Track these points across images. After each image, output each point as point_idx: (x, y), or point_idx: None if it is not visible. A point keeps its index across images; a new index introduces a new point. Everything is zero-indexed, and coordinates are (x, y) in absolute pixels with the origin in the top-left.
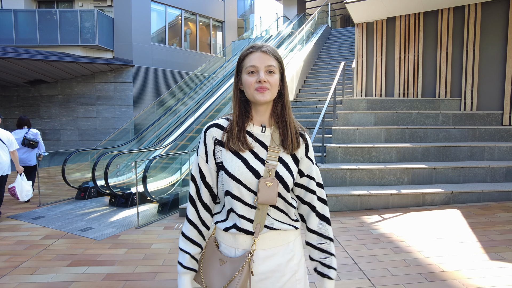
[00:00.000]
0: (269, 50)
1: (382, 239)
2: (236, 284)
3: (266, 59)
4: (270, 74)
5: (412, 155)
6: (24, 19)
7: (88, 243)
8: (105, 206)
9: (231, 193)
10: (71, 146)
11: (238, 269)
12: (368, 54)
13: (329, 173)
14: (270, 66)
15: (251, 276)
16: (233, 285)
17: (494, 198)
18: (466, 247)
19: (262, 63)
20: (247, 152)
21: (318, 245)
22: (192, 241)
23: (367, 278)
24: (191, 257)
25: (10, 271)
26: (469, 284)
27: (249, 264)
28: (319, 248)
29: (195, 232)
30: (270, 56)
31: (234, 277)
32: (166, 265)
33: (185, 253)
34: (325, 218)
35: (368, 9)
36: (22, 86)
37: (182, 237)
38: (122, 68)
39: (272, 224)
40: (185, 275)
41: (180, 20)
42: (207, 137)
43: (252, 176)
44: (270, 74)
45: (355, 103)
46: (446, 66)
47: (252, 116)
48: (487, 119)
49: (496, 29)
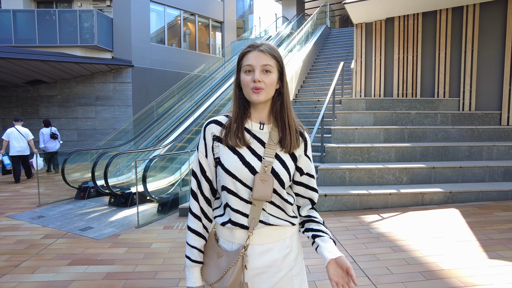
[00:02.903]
0: (267, 49)
1: (382, 238)
2: (230, 277)
3: (263, 58)
4: (266, 74)
5: (411, 155)
6: (23, 19)
7: (88, 242)
8: (104, 206)
9: (227, 188)
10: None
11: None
12: (367, 54)
13: (328, 173)
14: (266, 65)
15: (245, 271)
16: (226, 278)
17: (492, 198)
18: (465, 246)
19: (258, 62)
20: (244, 148)
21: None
22: (198, 234)
23: (367, 276)
24: (198, 251)
25: (10, 270)
26: (468, 282)
27: (242, 258)
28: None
29: (200, 225)
30: (267, 55)
31: (228, 270)
32: (166, 264)
33: (193, 248)
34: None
35: (367, 10)
36: (21, 86)
37: (188, 232)
38: (121, 68)
39: (268, 220)
40: (194, 268)
41: (179, 20)
42: (207, 133)
43: (247, 171)
44: (266, 74)
45: (354, 103)
46: (445, 67)
47: (251, 113)
48: (485, 119)
49: (494, 29)
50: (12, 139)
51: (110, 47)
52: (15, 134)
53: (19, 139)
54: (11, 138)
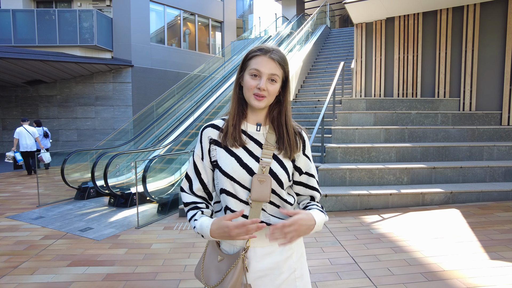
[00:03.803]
0: (278, 58)
1: (382, 238)
2: (230, 279)
3: (272, 67)
4: (272, 83)
5: (412, 155)
6: (23, 19)
7: (88, 243)
8: (104, 206)
9: (225, 191)
10: (70, 146)
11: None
12: (367, 54)
13: (328, 173)
14: (274, 75)
15: (247, 273)
16: (227, 280)
17: (493, 198)
18: (466, 247)
19: (267, 71)
20: (241, 150)
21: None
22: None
23: (368, 277)
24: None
25: (9, 271)
26: (469, 283)
27: (243, 260)
28: None
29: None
30: (276, 64)
31: (228, 272)
32: (166, 265)
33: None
34: None
35: (367, 10)
36: (21, 86)
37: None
38: (121, 68)
39: (269, 220)
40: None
41: (179, 20)
42: (203, 137)
43: (245, 173)
44: (272, 83)
45: (355, 103)
46: (445, 66)
47: (248, 115)
48: (486, 119)
49: (494, 29)
50: (21, 137)
51: (109, 47)
52: (24, 132)
53: (27, 137)
54: (21, 137)
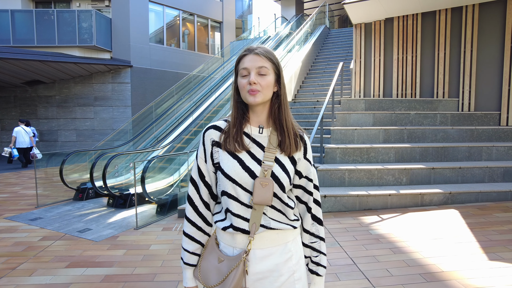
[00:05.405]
0: (262, 52)
1: (381, 239)
2: (232, 280)
3: (258, 61)
4: (262, 76)
5: (411, 155)
6: (22, 19)
7: (87, 244)
8: (103, 207)
9: (227, 193)
10: (68, 146)
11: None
12: (366, 54)
13: (327, 174)
14: (261, 67)
15: (246, 275)
16: (228, 281)
17: (492, 198)
18: (465, 247)
19: (253, 65)
20: (243, 153)
21: (310, 243)
22: (191, 238)
23: (367, 278)
24: (190, 254)
25: (8, 273)
26: (468, 284)
27: (244, 263)
28: (310, 247)
29: (193, 229)
30: (262, 57)
31: (229, 274)
32: (165, 266)
33: (185, 250)
34: (318, 219)
35: (366, 10)
36: (20, 87)
37: (183, 236)
38: (120, 68)
39: (269, 224)
40: (187, 270)
41: (178, 20)
42: (206, 139)
43: (247, 176)
44: (262, 76)
45: (354, 103)
46: (444, 67)
47: (250, 117)
48: (485, 119)
49: (493, 30)
50: (19, 135)
51: (108, 47)
52: (22, 131)
53: (24, 135)
54: (18, 135)
